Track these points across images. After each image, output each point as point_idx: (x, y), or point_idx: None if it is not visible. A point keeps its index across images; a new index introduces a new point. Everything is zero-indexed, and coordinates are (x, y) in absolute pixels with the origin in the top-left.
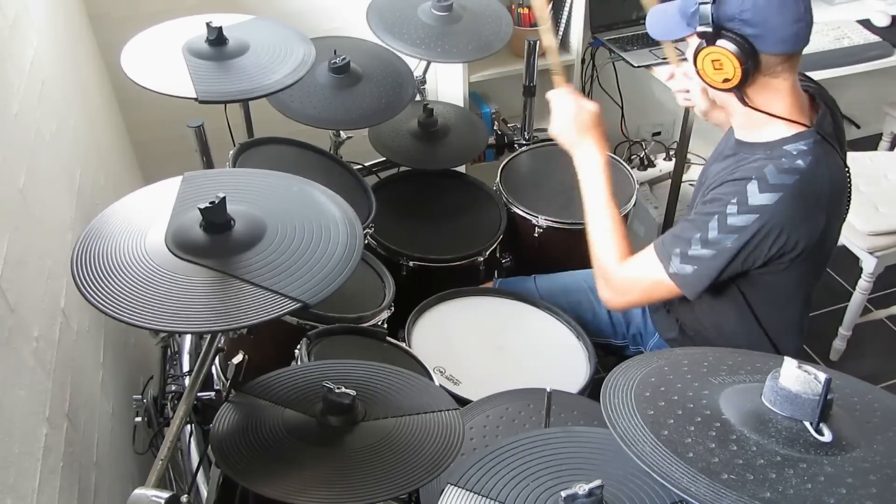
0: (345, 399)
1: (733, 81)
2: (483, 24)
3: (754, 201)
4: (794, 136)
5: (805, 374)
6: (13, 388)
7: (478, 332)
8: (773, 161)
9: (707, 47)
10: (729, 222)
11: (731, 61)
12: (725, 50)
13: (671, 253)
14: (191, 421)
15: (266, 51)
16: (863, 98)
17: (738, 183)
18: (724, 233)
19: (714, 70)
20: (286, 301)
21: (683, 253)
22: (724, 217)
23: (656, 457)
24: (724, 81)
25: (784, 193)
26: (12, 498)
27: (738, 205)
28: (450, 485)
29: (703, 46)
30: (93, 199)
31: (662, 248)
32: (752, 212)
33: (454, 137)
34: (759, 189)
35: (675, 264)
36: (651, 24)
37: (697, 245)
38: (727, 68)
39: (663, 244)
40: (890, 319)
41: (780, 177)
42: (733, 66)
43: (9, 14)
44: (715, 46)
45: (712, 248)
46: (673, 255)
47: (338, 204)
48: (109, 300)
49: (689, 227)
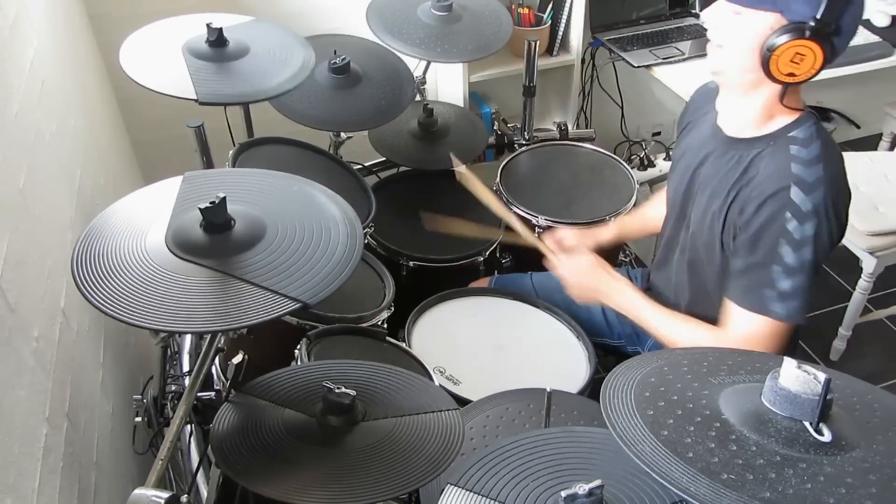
0: (345, 399)
1: (799, 78)
2: (483, 24)
3: (807, 206)
4: (794, 122)
5: (805, 374)
6: (13, 388)
7: (477, 332)
8: (788, 155)
9: (804, 40)
10: (797, 238)
11: (815, 60)
12: (819, 49)
13: (765, 302)
14: (191, 421)
15: (266, 54)
16: (863, 98)
17: (780, 197)
18: (798, 250)
19: (789, 62)
20: (286, 301)
21: (780, 294)
22: (790, 234)
23: (656, 457)
24: (789, 75)
25: (825, 186)
26: (12, 498)
27: (795, 217)
28: (450, 485)
29: (795, 38)
30: (93, 199)
31: (754, 300)
32: (811, 217)
33: (454, 137)
34: (804, 191)
35: (780, 308)
36: None
37: (783, 278)
38: (805, 65)
39: (751, 298)
40: (890, 319)
41: (810, 171)
42: (813, 65)
43: (9, 14)
44: (813, 42)
45: (800, 273)
46: (768, 302)
47: (338, 204)
48: (109, 300)
49: (760, 266)
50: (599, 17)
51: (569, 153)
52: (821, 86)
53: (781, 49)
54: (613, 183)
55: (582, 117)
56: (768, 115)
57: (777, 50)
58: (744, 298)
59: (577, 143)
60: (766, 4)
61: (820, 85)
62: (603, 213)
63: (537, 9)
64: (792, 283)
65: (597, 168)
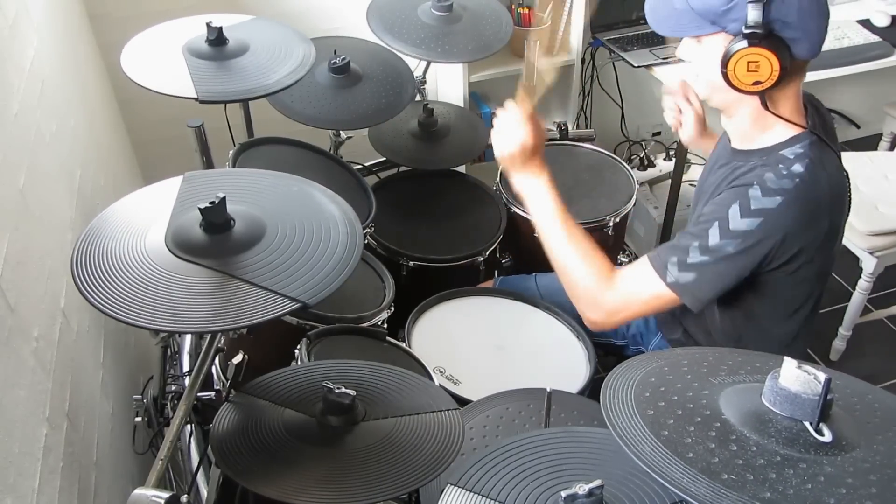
0: (345, 399)
1: (765, 84)
2: (483, 24)
3: (757, 205)
4: (790, 140)
5: (805, 374)
6: (13, 388)
7: (478, 332)
8: (771, 168)
9: (748, 48)
10: (731, 227)
11: (770, 64)
12: (768, 52)
13: (667, 262)
14: (191, 421)
15: (266, 51)
16: (863, 98)
17: (739, 189)
18: (726, 238)
19: (747, 72)
20: (286, 301)
21: (682, 261)
22: (726, 222)
23: (656, 457)
24: (755, 84)
25: (785, 197)
26: (12, 498)
27: (740, 209)
28: (450, 485)
29: (740, 48)
30: (93, 199)
31: (658, 259)
32: (755, 215)
33: (454, 137)
34: (762, 193)
35: (673, 273)
36: (656, 19)
37: (696, 252)
38: (763, 71)
39: (658, 255)
40: (890, 319)
41: (780, 182)
42: (771, 69)
43: (9, 14)
44: (757, 48)
45: (713, 255)
46: (669, 264)
47: (338, 204)
48: (109, 300)
49: (686, 237)
50: (599, 16)
51: (569, 153)
52: (821, 86)
53: (732, 63)
54: (613, 183)
55: (582, 117)
56: (761, 126)
57: (728, 65)
58: (654, 255)
59: (577, 143)
60: (708, 28)
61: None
62: (603, 213)
63: (537, 9)
64: (699, 259)
65: (597, 168)
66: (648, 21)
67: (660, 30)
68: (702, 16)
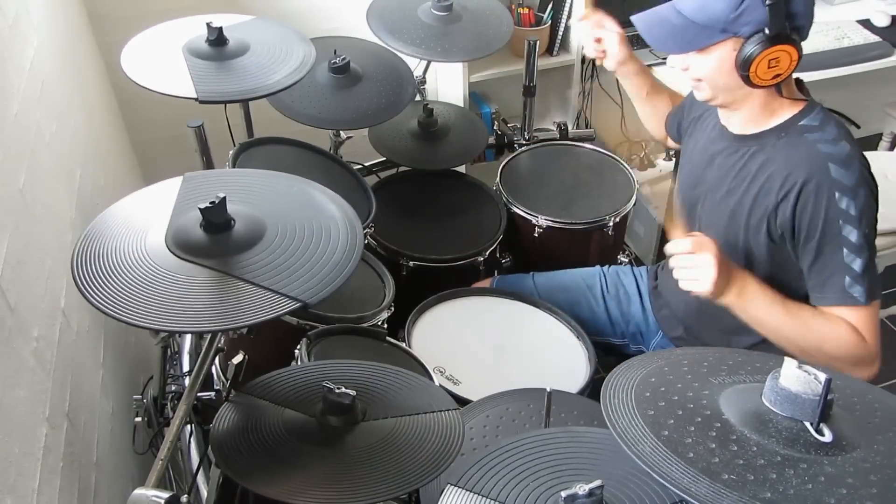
0: (345, 399)
1: (784, 75)
2: (483, 24)
3: (851, 180)
4: (801, 112)
5: (805, 374)
6: (13, 388)
7: (478, 332)
8: (807, 140)
9: (770, 48)
10: (854, 213)
11: (790, 56)
12: (788, 46)
13: (849, 291)
14: (191, 421)
15: (266, 51)
16: (863, 98)
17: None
18: (859, 225)
19: (768, 69)
20: (286, 301)
21: (854, 277)
22: (846, 213)
23: (656, 457)
24: (774, 77)
25: (857, 160)
26: (12, 498)
27: (844, 194)
28: (450, 485)
29: (761, 50)
30: (93, 199)
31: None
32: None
33: (454, 137)
34: (842, 167)
35: (860, 292)
36: (655, 39)
37: (854, 257)
38: (783, 64)
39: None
40: (890, 319)
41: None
42: (790, 61)
43: (9, 14)
44: (781, 46)
45: (866, 247)
46: (847, 288)
47: (338, 204)
48: (109, 300)
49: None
50: None
51: (569, 153)
52: (821, 86)
53: (755, 64)
54: (613, 183)
55: (582, 117)
56: (771, 110)
57: (751, 66)
58: (830, 297)
59: (577, 143)
60: (717, 37)
61: (820, 85)
62: (603, 213)
63: (537, 9)
64: (862, 261)
65: (597, 168)
66: (649, 43)
67: (663, 48)
68: (708, 27)
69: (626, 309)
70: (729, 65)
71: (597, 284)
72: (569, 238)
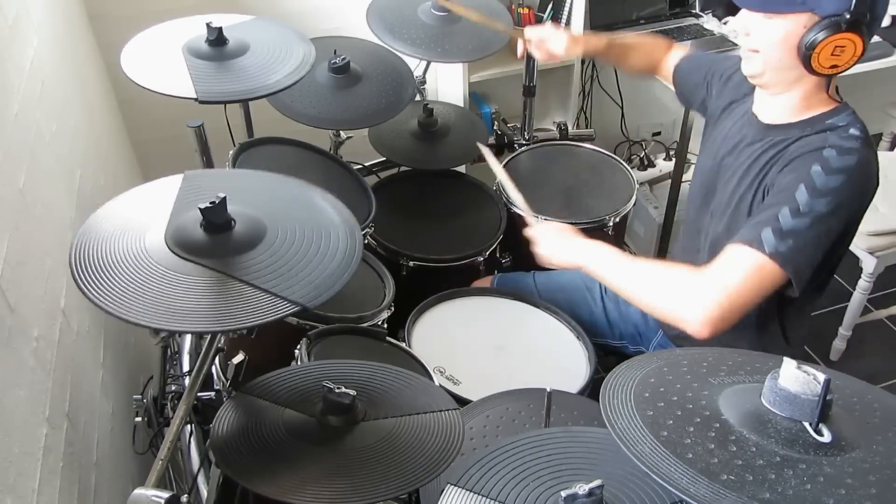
0: (345, 399)
1: (842, 68)
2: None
3: (838, 164)
4: (833, 111)
5: (804, 374)
6: (13, 388)
7: (478, 332)
8: (831, 132)
9: (843, 33)
10: (818, 185)
11: (854, 48)
12: (858, 37)
13: (760, 234)
14: (191, 421)
15: (266, 51)
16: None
17: (811, 155)
18: (815, 197)
19: (830, 56)
20: (286, 303)
21: (776, 229)
22: (811, 181)
23: (655, 457)
24: (832, 67)
25: (858, 159)
26: (12, 498)
27: (822, 169)
28: (450, 485)
29: (832, 33)
30: (93, 199)
31: (748, 235)
32: (839, 173)
33: (454, 137)
34: (838, 153)
35: (772, 243)
36: None
37: (788, 217)
38: (846, 55)
39: (746, 232)
40: (890, 319)
41: (849, 143)
42: (853, 53)
43: (9, 14)
44: (853, 34)
45: (806, 217)
46: (763, 234)
47: (337, 210)
48: (108, 297)
49: (770, 207)
50: (599, 16)
51: (569, 153)
52: None
53: (821, 46)
54: (613, 183)
55: (582, 117)
56: (809, 103)
57: (817, 47)
58: (743, 234)
59: (577, 143)
60: (796, 7)
61: None
62: (603, 213)
63: (537, 9)
64: (795, 223)
65: (597, 168)
66: None
67: (745, 3)
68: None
69: (625, 310)
70: (793, 41)
71: (596, 286)
72: None
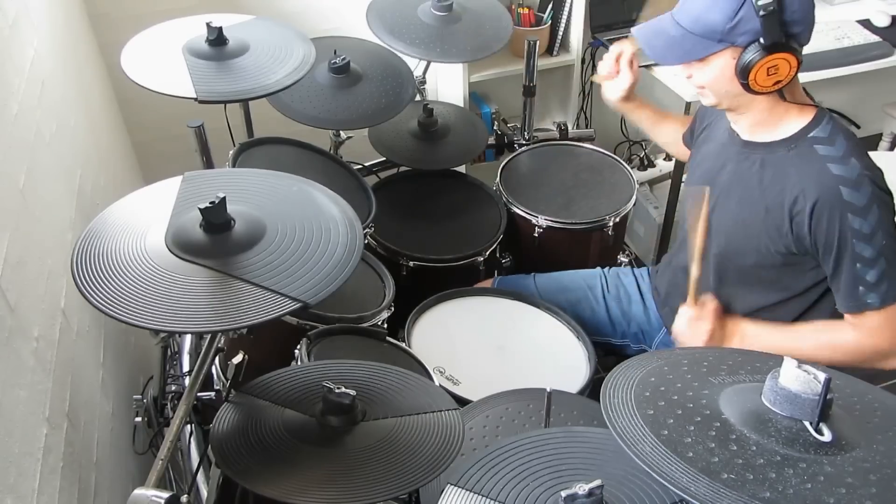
0: (345, 399)
1: (785, 81)
2: (483, 24)
3: (862, 201)
4: (811, 123)
5: (805, 373)
6: (13, 388)
7: (478, 332)
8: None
9: (768, 57)
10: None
11: (788, 63)
12: (786, 54)
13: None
14: (191, 421)
15: (266, 51)
16: (863, 98)
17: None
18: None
19: (767, 76)
20: (286, 301)
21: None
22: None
23: (656, 456)
24: (775, 84)
25: (867, 176)
26: (12, 498)
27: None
28: (450, 485)
29: (758, 58)
30: (93, 199)
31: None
32: (870, 209)
33: (454, 137)
34: (853, 188)
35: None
36: (655, 52)
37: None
38: (782, 70)
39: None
40: None
41: (849, 167)
42: (789, 67)
43: (9, 14)
44: (778, 54)
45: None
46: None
47: (338, 204)
48: (109, 300)
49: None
50: (599, 16)
51: (569, 153)
52: (821, 86)
53: (754, 72)
54: (613, 183)
55: (582, 117)
56: (778, 115)
57: (751, 74)
58: (845, 305)
59: (577, 143)
60: (715, 47)
61: (820, 85)
62: (603, 213)
63: (537, 9)
64: (877, 271)
65: (597, 168)
66: (649, 55)
67: (664, 61)
68: (705, 37)
69: (627, 309)
70: (729, 73)
71: (597, 285)
72: (569, 238)
